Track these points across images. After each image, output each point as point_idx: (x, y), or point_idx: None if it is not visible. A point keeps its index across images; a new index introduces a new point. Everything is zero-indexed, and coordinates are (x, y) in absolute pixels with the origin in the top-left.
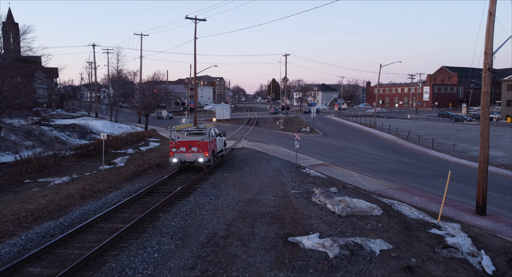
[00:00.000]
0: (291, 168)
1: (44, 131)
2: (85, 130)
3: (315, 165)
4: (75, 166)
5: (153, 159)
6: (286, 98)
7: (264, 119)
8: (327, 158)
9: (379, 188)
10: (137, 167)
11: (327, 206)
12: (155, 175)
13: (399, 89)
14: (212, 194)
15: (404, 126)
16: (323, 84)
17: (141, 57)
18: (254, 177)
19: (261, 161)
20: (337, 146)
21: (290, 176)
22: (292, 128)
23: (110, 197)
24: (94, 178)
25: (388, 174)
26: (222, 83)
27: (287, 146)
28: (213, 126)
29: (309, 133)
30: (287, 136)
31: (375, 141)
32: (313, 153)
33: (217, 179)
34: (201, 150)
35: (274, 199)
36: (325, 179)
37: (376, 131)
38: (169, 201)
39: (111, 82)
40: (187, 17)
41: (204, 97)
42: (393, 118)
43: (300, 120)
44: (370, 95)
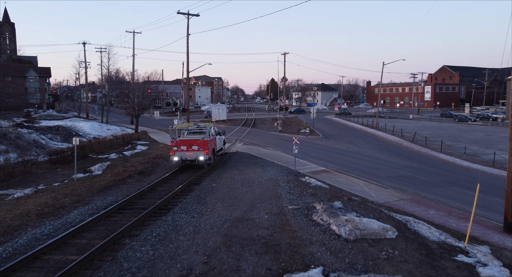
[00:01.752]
0: (289, 176)
1: (22, 134)
2: (70, 132)
3: (315, 172)
4: (46, 175)
5: (136, 166)
6: (284, 98)
7: (262, 120)
8: (328, 163)
9: (389, 200)
10: (115, 175)
11: (331, 227)
12: (134, 185)
13: (400, 88)
14: (195, 210)
15: (407, 126)
16: (323, 84)
17: (134, 55)
18: (246, 188)
19: (256, 168)
20: (339, 149)
21: (287, 187)
22: (291, 129)
23: (73, 216)
24: (61, 190)
25: (396, 182)
26: (221, 83)
27: (285, 150)
28: (213, 125)
29: (309, 135)
30: (285, 138)
31: (379, 143)
32: (313, 157)
33: (204, 191)
34: (201, 148)
35: (268, 217)
36: (327, 189)
37: (380, 132)
38: (142, 221)
39: (109, 82)
40: (179, 12)
41: (202, 97)
42: (395, 118)
43: (300, 120)
44: (370, 95)
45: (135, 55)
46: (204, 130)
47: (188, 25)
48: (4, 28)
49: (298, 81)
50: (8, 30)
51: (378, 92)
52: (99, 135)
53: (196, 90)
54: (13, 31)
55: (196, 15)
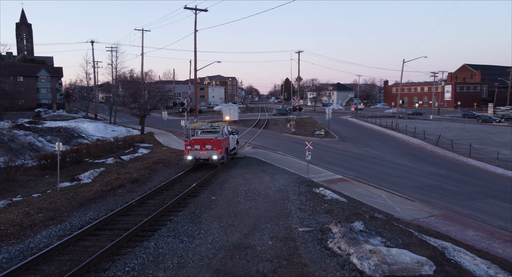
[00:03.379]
0: (301, 187)
1: (17, 136)
2: (72, 134)
3: (331, 181)
4: (31, 183)
5: (131, 173)
6: (298, 98)
7: (275, 121)
8: (345, 170)
9: (417, 216)
10: (105, 184)
11: (351, 259)
12: (124, 196)
13: (419, 88)
14: (186, 232)
15: (429, 128)
16: (338, 84)
17: (142, 54)
18: (250, 203)
19: (263, 177)
20: (356, 154)
21: (298, 201)
22: (305, 130)
23: (39, 238)
24: (38, 203)
25: (423, 193)
26: (234, 83)
27: (297, 154)
28: (226, 125)
29: (324, 137)
30: (298, 141)
31: (400, 146)
32: (329, 163)
33: (200, 206)
34: (215, 148)
35: (272, 244)
36: (345, 204)
37: (400, 134)
38: (117, 248)
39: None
40: (186, 7)
41: (215, 97)
42: (414, 119)
43: (314, 121)
44: (388, 95)
45: (144, 54)
46: (217, 130)
47: (195, 20)
48: (21, 29)
49: (313, 80)
50: (25, 30)
51: (398, 91)
52: (103, 136)
53: (209, 90)
54: (30, 32)
55: (204, 10)
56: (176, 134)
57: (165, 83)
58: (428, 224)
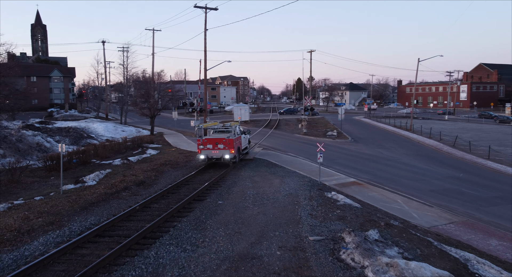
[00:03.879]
0: (312, 191)
1: (25, 136)
2: (82, 134)
3: (344, 185)
4: (35, 185)
5: (137, 175)
6: (310, 98)
7: (286, 121)
8: (359, 173)
9: (436, 223)
10: (109, 187)
11: (366, 273)
12: (128, 200)
13: (433, 88)
14: (189, 240)
15: (444, 128)
16: (351, 83)
17: (153, 54)
18: (259, 208)
19: (273, 180)
20: (370, 155)
21: (309, 206)
22: (317, 131)
23: (35, 245)
24: (39, 207)
25: (441, 198)
26: (246, 83)
27: (308, 156)
28: (238, 124)
29: (336, 138)
30: (310, 142)
31: (415, 148)
32: (341, 165)
33: (206, 211)
34: (227, 147)
35: (280, 254)
36: (358, 210)
37: (414, 135)
38: (115, 257)
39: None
40: (196, 6)
41: (227, 97)
42: (429, 119)
43: (326, 122)
44: (401, 95)
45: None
46: (230, 129)
47: (205, 19)
48: (36, 30)
49: (325, 80)
50: (40, 31)
51: (413, 91)
52: (113, 137)
53: (220, 90)
54: (45, 33)
55: (214, 9)
56: (185, 135)
57: (177, 83)
58: (447, 232)
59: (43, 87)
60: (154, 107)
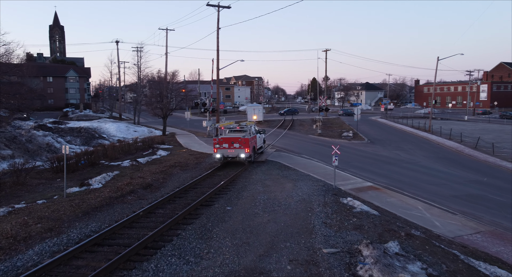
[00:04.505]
0: (327, 196)
1: (35, 137)
2: (93, 134)
3: (360, 190)
4: (40, 187)
5: (145, 177)
6: (325, 98)
7: (300, 121)
8: (376, 177)
9: (461, 232)
10: (114, 190)
11: None
12: (133, 204)
13: (452, 87)
14: (193, 251)
15: (464, 129)
16: (367, 83)
17: (166, 53)
18: (269, 215)
19: (285, 184)
20: (387, 158)
21: (323, 213)
22: (332, 132)
23: (30, 255)
24: (40, 211)
25: (465, 204)
26: (261, 83)
27: (323, 158)
28: (254, 124)
29: (352, 139)
30: (324, 143)
31: (434, 150)
32: (357, 168)
33: (213, 218)
34: (242, 146)
35: (291, 269)
36: (376, 217)
37: (434, 136)
38: (111, 270)
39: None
40: (209, 4)
41: (241, 97)
42: (448, 120)
43: (342, 122)
44: (419, 94)
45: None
46: (245, 129)
47: (218, 18)
48: (54, 31)
49: (340, 80)
50: (58, 32)
51: (431, 91)
52: (124, 137)
53: (235, 90)
54: (62, 34)
55: (227, 7)
56: (198, 135)
57: (191, 83)
58: (474, 243)
59: (59, 87)
60: (166, 107)
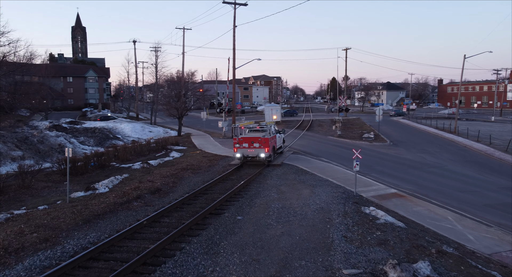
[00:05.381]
0: (347, 205)
1: (47, 137)
2: (107, 134)
3: (383, 197)
4: (45, 190)
5: (154, 181)
6: (345, 98)
7: (320, 122)
8: (400, 182)
9: (498, 248)
10: (121, 195)
11: None
12: (138, 211)
13: (477, 87)
14: (196, 269)
15: (492, 131)
16: (388, 83)
17: (183, 53)
18: (283, 227)
19: (302, 190)
20: (411, 161)
21: (343, 225)
22: (352, 133)
23: (16, 271)
24: (40, 218)
25: (500, 214)
26: (279, 83)
27: (343, 161)
28: (273, 124)
29: (373, 141)
30: (344, 145)
31: (461, 153)
32: (380, 172)
33: (221, 229)
34: (262, 146)
35: None
36: (403, 230)
37: (460, 138)
38: None
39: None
40: (225, 1)
41: (259, 97)
42: (473, 121)
43: (362, 123)
44: (442, 94)
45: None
46: (265, 128)
47: (234, 15)
48: (76, 32)
49: (361, 79)
50: (80, 33)
51: (458, 90)
52: (139, 138)
53: (253, 90)
54: (84, 35)
55: (243, 5)
56: (213, 136)
57: (209, 83)
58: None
59: (79, 87)
60: (182, 107)
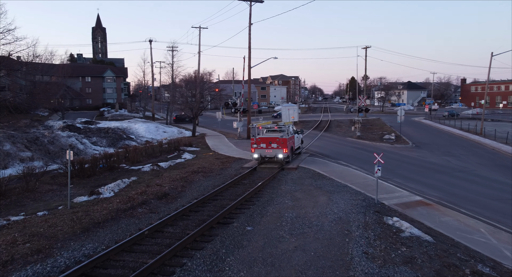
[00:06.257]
0: (367, 215)
1: (58, 137)
2: (121, 135)
3: (407, 205)
4: (49, 194)
5: (162, 185)
6: (365, 98)
7: (338, 122)
8: (424, 188)
9: None
10: (125, 201)
11: None
12: (142, 219)
13: (502, 86)
14: None
15: None
16: (409, 82)
17: (199, 52)
18: (296, 240)
19: (318, 197)
20: (436, 165)
21: (364, 239)
22: (372, 134)
23: None
24: (36, 226)
25: None
26: (297, 82)
27: (362, 165)
28: (291, 124)
29: (395, 143)
30: (364, 146)
31: (490, 156)
32: (402, 177)
33: (229, 241)
34: (280, 146)
35: None
36: (431, 246)
37: (487, 140)
38: None
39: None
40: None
41: (277, 96)
42: (499, 121)
43: (382, 123)
44: (465, 94)
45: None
46: (283, 129)
47: (250, 13)
48: (96, 32)
49: (381, 79)
50: (100, 34)
51: (483, 89)
52: (153, 138)
53: (270, 90)
54: (104, 35)
55: (259, 1)
56: (228, 137)
57: (225, 83)
58: None
59: (97, 87)
60: (196, 107)
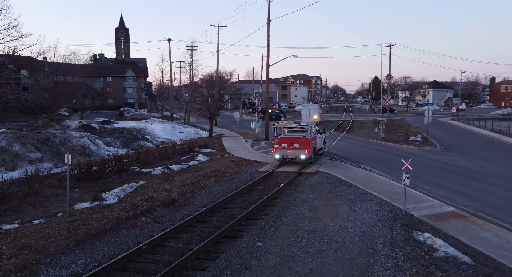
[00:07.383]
0: (394, 228)
1: (70, 138)
2: (136, 135)
3: (439, 217)
4: (50, 199)
5: (171, 190)
6: (389, 97)
7: (361, 123)
8: (457, 197)
9: None
10: (129, 208)
11: None
12: (143, 230)
13: None
14: None
15: None
16: (435, 81)
17: (218, 51)
18: (312, 260)
19: (339, 206)
20: (468, 170)
21: (391, 259)
22: (397, 136)
23: None
24: (28, 236)
25: None
26: (319, 82)
27: (387, 169)
28: (314, 124)
29: (421, 145)
30: (388, 149)
31: None
32: (431, 184)
33: (235, 259)
34: (302, 147)
35: None
36: (470, 268)
37: None
38: None
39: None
40: None
41: (298, 96)
42: None
43: (407, 124)
44: (495, 94)
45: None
46: (305, 129)
47: (269, 9)
48: (119, 33)
49: (405, 78)
50: (123, 34)
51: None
52: (169, 138)
53: (291, 89)
54: (127, 36)
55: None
56: (245, 137)
57: (245, 82)
58: None
59: (118, 86)
60: (213, 107)
